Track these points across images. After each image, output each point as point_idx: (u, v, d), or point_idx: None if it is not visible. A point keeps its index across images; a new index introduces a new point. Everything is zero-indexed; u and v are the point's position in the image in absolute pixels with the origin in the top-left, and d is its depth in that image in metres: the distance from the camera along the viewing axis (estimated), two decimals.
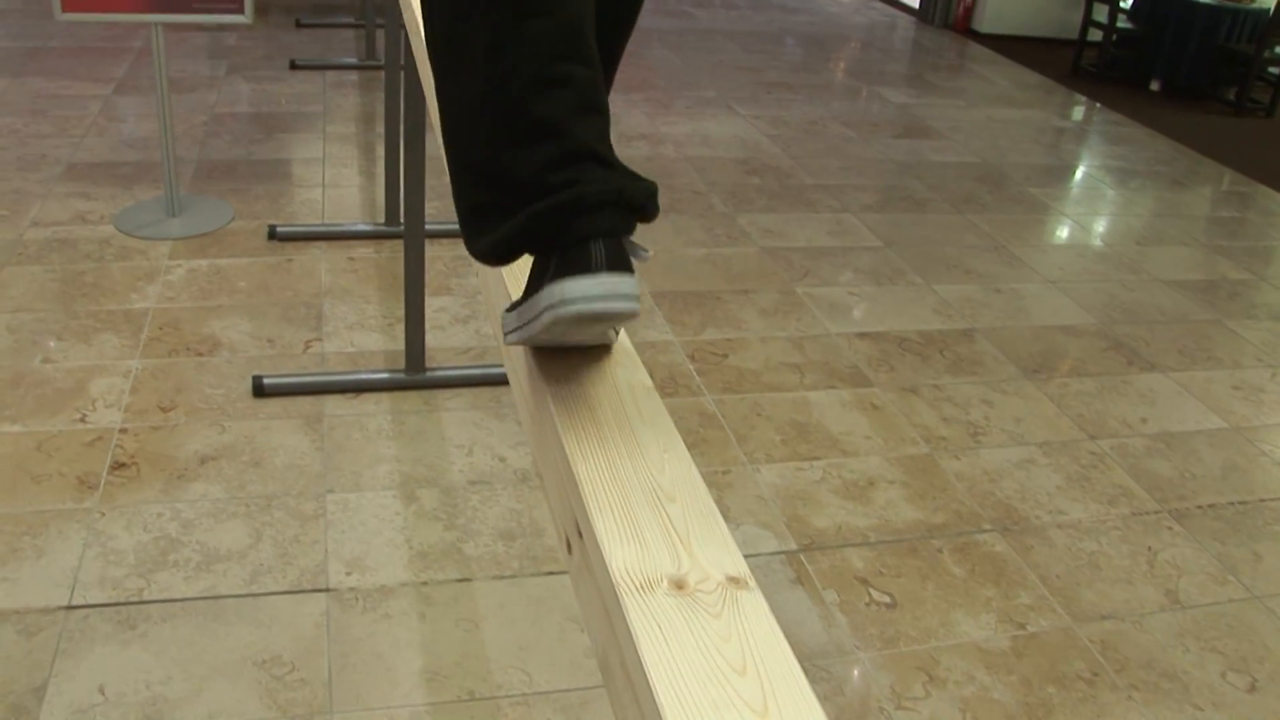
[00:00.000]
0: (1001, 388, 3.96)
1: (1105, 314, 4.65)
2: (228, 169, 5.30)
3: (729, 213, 5.24)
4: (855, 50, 9.22)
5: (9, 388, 3.43)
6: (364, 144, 5.80)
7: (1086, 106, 8.16)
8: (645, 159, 5.85)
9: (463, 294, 4.23)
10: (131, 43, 7.16)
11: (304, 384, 3.57)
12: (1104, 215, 5.91)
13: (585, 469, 0.90)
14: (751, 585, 0.79)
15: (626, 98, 6.88)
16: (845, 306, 4.46)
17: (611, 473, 0.90)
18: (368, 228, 4.71)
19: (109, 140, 5.58)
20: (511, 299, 1.19)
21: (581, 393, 1.01)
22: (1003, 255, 5.12)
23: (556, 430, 0.96)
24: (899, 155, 6.36)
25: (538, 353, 1.08)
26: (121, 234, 4.55)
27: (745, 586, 0.79)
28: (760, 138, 6.36)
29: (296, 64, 7.08)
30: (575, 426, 0.96)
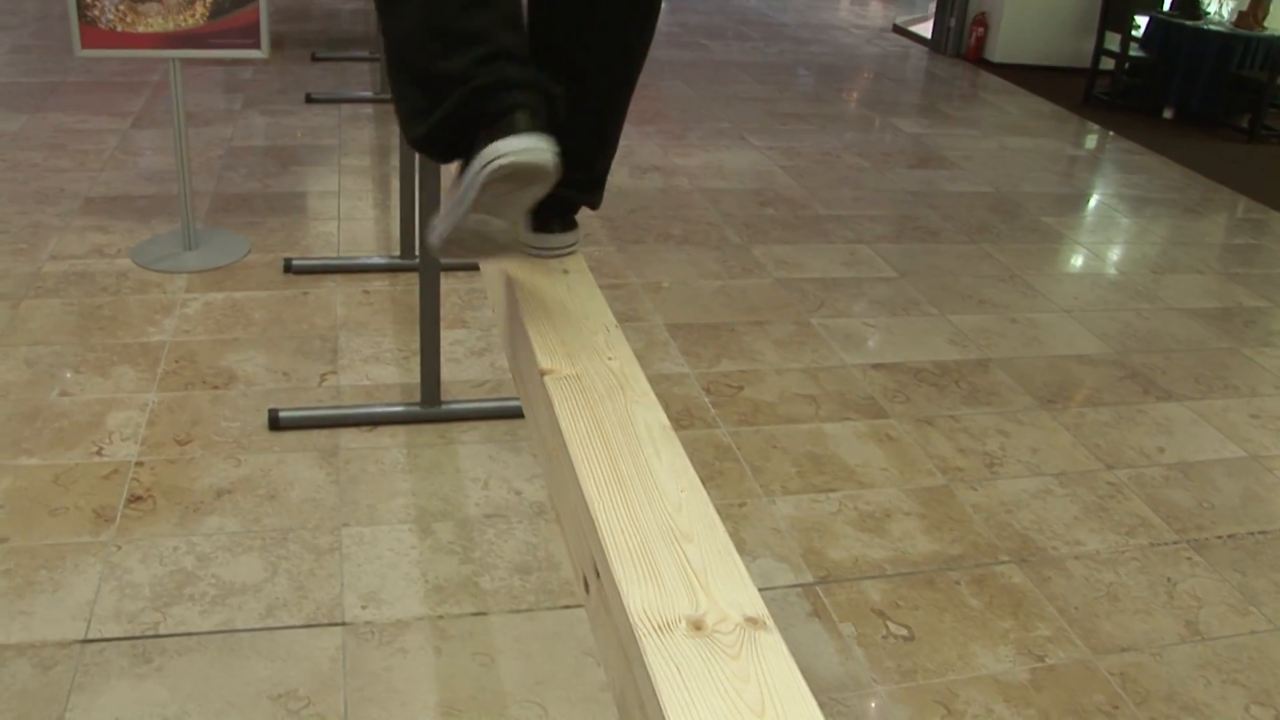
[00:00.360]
0: (1017, 418, 3.95)
1: (1121, 343, 4.64)
2: (244, 202, 5.33)
3: (743, 244, 5.24)
4: (868, 80, 9.25)
5: (27, 421, 3.44)
6: (378, 176, 5.82)
7: (1100, 135, 8.16)
8: (659, 191, 5.86)
9: (478, 326, 4.24)
10: (149, 77, 7.22)
11: (319, 417, 3.57)
12: (1118, 243, 5.90)
13: (603, 510, 0.90)
14: (770, 626, 0.79)
15: (640, 129, 6.90)
16: (860, 337, 4.46)
17: (629, 513, 0.90)
18: (382, 261, 4.73)
19: (126, 174, 5.62)
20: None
21: (599, 432, 1.01)
22: (1017, 285, 5.11)
23: (574, 470, 0.96)
24: (913, 185, 6.36)
25: (556, 389, 1.09)
26: (138, 267, 4.57)
27: (763, 627, 0.78)
28: (774, 169, 6.38)
29: (312, 97, 7.12)
30: (593, 466, 0.96)
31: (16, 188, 5.34)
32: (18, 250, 4.66)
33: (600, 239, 5.15)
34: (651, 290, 4.68)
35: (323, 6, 10.01)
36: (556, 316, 1.22)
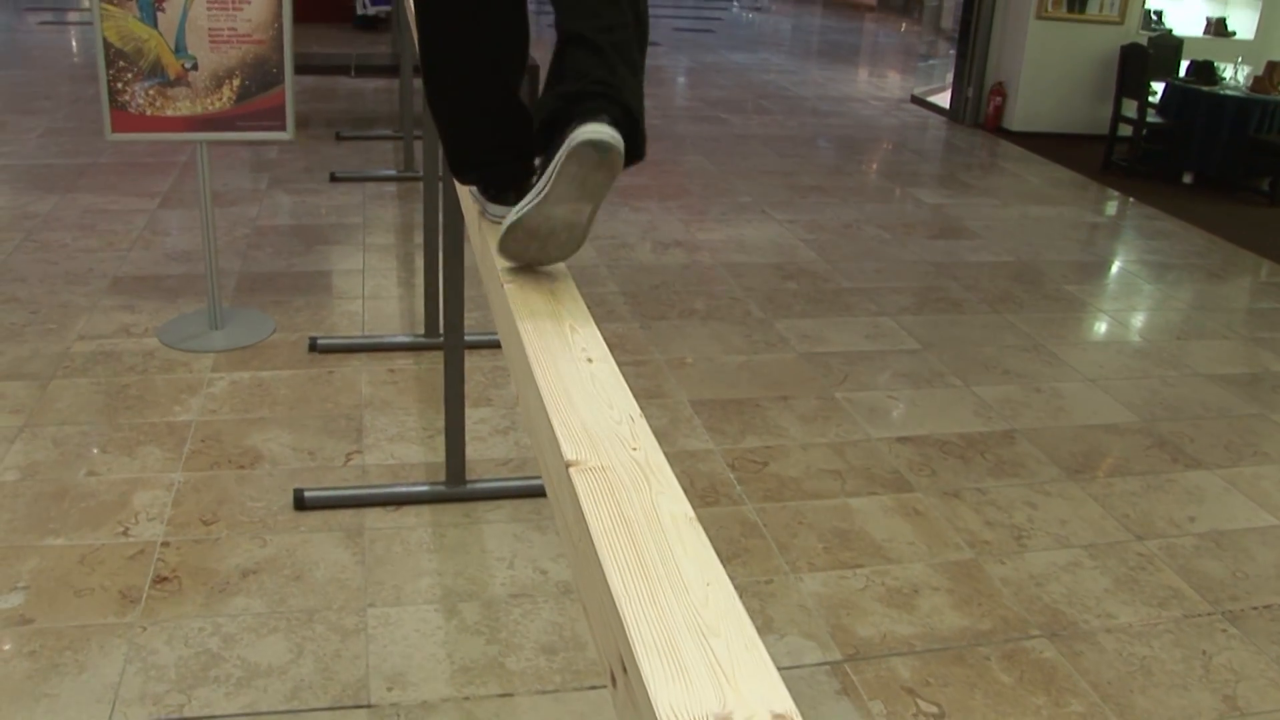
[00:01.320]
0: (1045, 489, 3.92)
1: (1147, 411, 4.62)
2: (269, 281, 5.38)
3: (766, 318, 5.26)
4: (888, 152, 9.31)
5: (54, 501, 3.46)
6: (403, 255, 5.87)
7: (1120, 201, 8.18)
8: (682, 266, 5.89)
9: (502, 405, 4.25)
10: (177, 157, 7.32)
11: (345, 497, 3.58)
12: (1142, 310, 5.90)
13: (629, 604, 0.90)
14: None
15: (662, 205, 6.96)
16: (885, 410, 4.45)
17: (655, 607, 0.90)
18: (407, 339, 4.76)
19: (154, 254, 5.69)
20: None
21: (624, 525, 1.02)
22: (1041, 354, 5.11)
23: (599, 564, 0.97)
24: (935, 256, 6.38)
25: (581, 481, 1.09)
26: (165, 347, 4.61)
27: None
28: (796, 242, 6.41)
29: (336, 176, 7.21)
30: (618, 560, 0.97)
31: (47, 268, 5.41)
32: (47, 330, 4.71)
33: (623, 315, 5.17)
34: (675, 366, 4.69)
35: (347, 86, 10.16)
36: (580, 406, 1.23)
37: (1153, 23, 10.11)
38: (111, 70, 4.43)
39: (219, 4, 4.41)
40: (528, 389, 1.34)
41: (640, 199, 7.05)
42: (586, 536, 1.02)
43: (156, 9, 4.37)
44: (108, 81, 4.44)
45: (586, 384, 1.29)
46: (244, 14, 4.44)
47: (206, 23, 4.42)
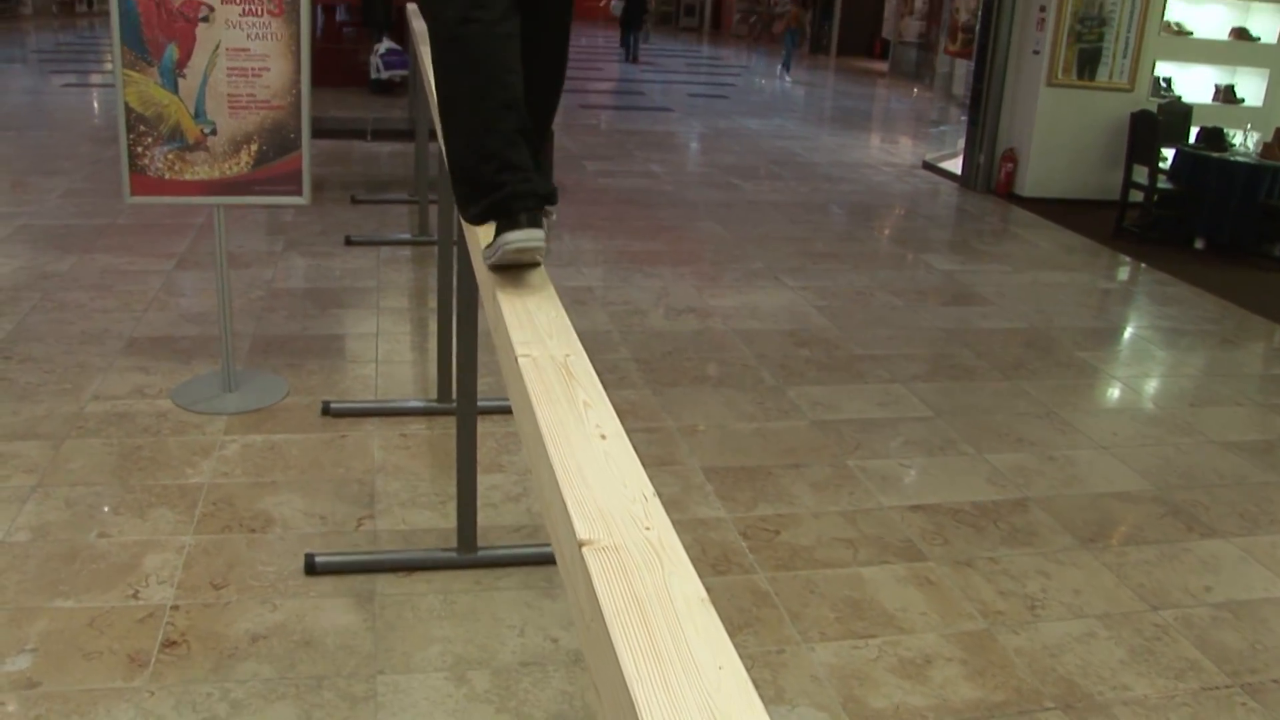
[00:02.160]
0: (1058, 558, 3.90)
1: (1161, 479, 4.60)
2: (283, 344, 5.41)
3: (779, 385, 5.26)
4: (900, 218, 9.35)
5: (65, 562, 3.47)
6: (416, 319, 5.90)
7: (1131, 267, 8.20)
8: (694, 333, 5.91)
9: (514, 471, 4.25)
10: (194, 218, 7.38)
11: (356, 562, 3.58)
12: (1154, 377, 5.89)
13: (641, 687, 0.90)
14: None
15: (675, 270, 6.99)
16: (897, 479, 4.44)
17: (668, 693, 0.90)
18: (420, 404, 4.77)
19: (169, 315, 5.72)
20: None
21: (636, 606, 1.02)
22: (1054, 422, 5.10)
23: (611, 645, 0.97)
24: (947, 323, 6.39)
25: (594, 561, 1.09)
26: (178, 408, 4.63)
27: None
28: (808, 309, 6.42)
29: (351, 240, 7.26)
30: (631, 641, 0.97)
31: (63, 328, 5.45)
32: (62, 390, 4.74)
33: (636, 382, 5.18)
34: (687, 434, 4.69)
35: (362, 150, 10.26)
36: (594, 484, 1.24)
37: (1162, 90, 10.18)
38: (132, 135, 4.49)
39: (239, 70, 4.47)
40: (541, 466, 1.34)
41: (653, 264, 7.08)
42: (599, 617, 1.02)
43: (178, 75, 4.44)
44: (128, 146, 4.50)
45: (600, 461, 1.29)
46: (263, 80, 4.50)
47: (226, 89, 4.48)
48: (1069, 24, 9.77)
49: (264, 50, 4.47)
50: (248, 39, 4.45)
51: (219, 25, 4.42)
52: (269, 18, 4.44)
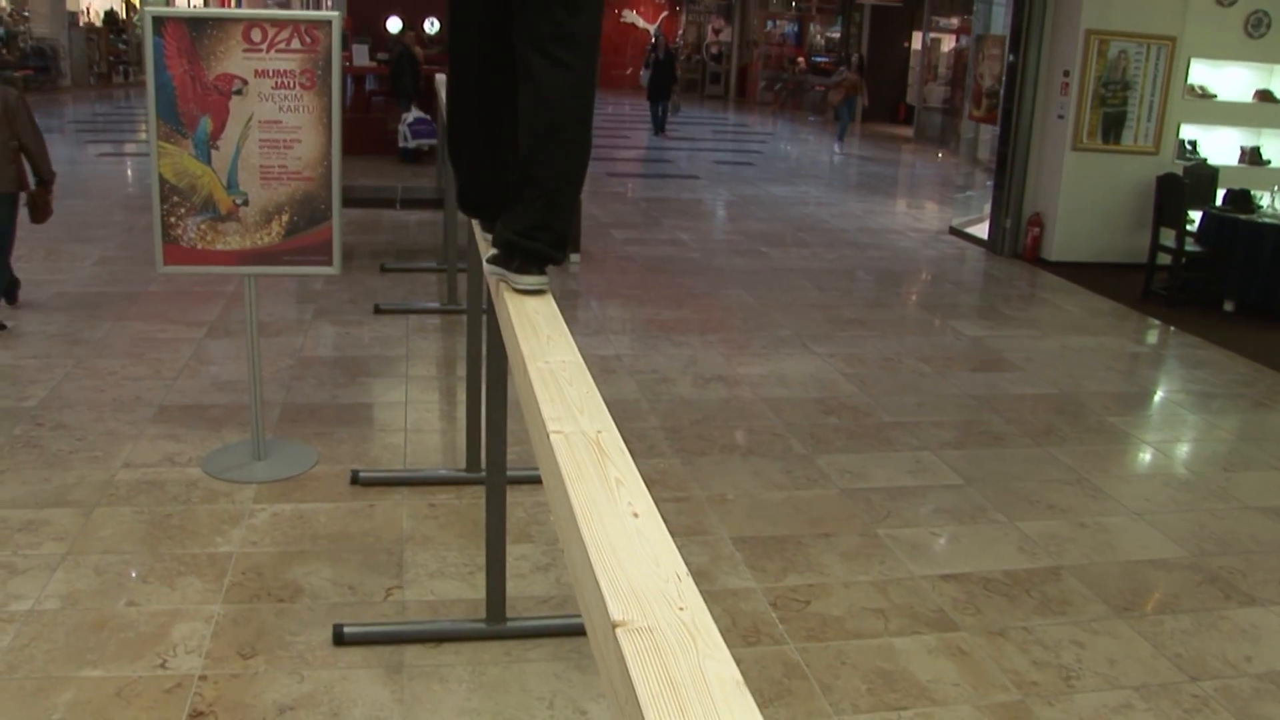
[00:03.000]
0: (1092, 627, 3.86)
1: (1196, 545, 4.55)
2: (312, 412, 5.43)
3: (808, 454, 5.24)
4: (927, 284, 9.35)
5: (93, 630, 3.47)
6: (445, 388, 5.92)
7: (1161, 330, 8.16)
8: (722, 401, 5.90)
9: (543, 541, 4.24)
10: (225, 286, 7.45)
11: (384, 633, 3.57)
12: (1187, 441, 5.85)
13: None
14: None
15: (703, 339, 6.99)
16: (928, 547, 4.41)
17: None
18: (449, 474, 4.78)
19: (200, 383, 5.76)
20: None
21: (671, 688, 1.01)
22: (1086, 488, 5.06)
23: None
24: (976, 389, 6.36)
25: (629, 643, 1.09)
26: (208, 476, 4.66)
27: None
28: (836, 376, 6.41)
29: (380, 308, 7.31)
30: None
31: (95, 395, 5.49)
32: (93, 458, 4.77)
33: (664, 451, 5.18)
34: (716, 503, 4.67)
35: (392, 218, 10.35)
36: (627, 564, 1.23)
37: (1187, 152, 10.18)
38: (166, 205, 4.55)
39: (271, 142, 4.53)
40: (574, 544, 1.34)
41: (681, 332, 7.09)
42: (633, 700, 1.02)
43: (211, 147, 4.51)
44: (161, 216, 4.56)
45: (632, 540, 1.29)
46: (294, 152, 4.56)
47: (258, 160, 4.54)
48: (1093, 88, 9.80)
49: (296, 122, 4.53)
50: (280, 111, 4.51)
51: (252, 98, 4.49)
52: (301, 91, 4.51)
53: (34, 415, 5.22)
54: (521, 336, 2.05)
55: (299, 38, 4.47)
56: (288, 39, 4.47)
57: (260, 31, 4.46)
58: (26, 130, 6.47)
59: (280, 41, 4.47)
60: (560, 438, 1.58)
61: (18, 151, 6.47)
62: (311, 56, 4.49)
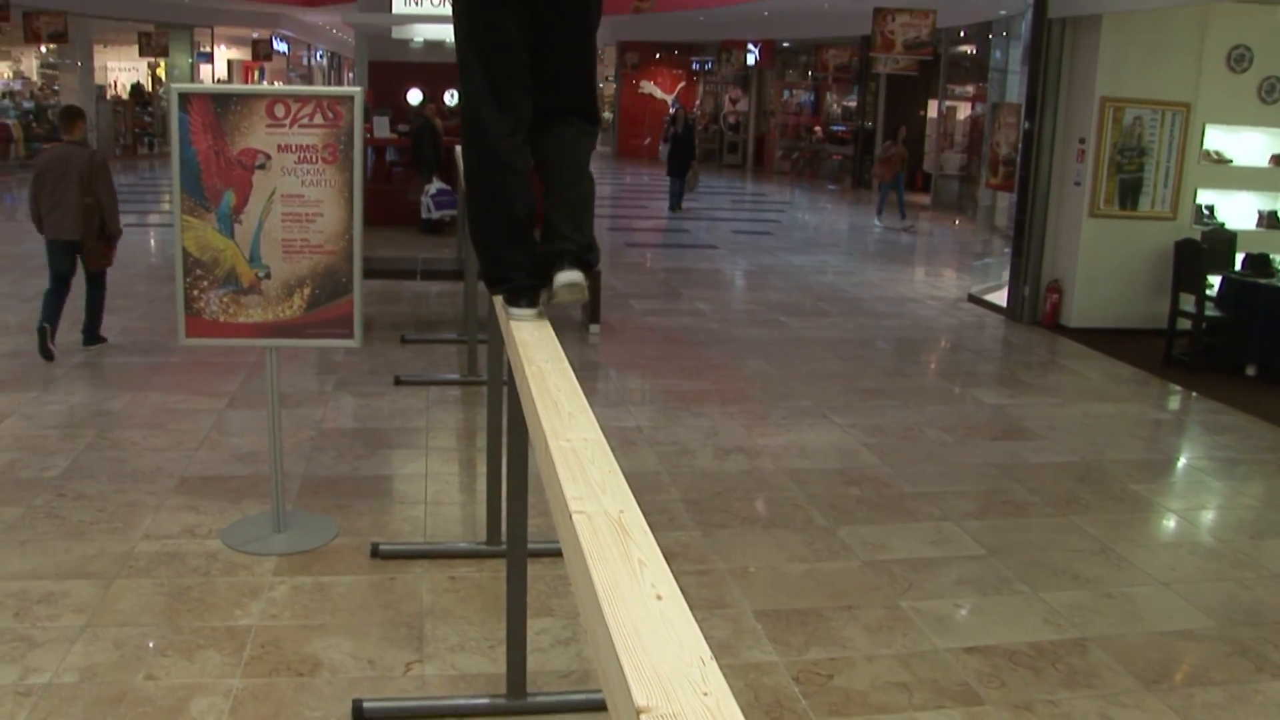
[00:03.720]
0: (1120, 700, 3.81)
1: (1225, 615, 4.50)
2: (333, 484, 5.44)
3: (829, 525, 5.21)
4: (947, 352, 9.34)
5: (111, 705, 3.46)
6: (465, 460, 5.92)
7: (1183, 396, 8.12)
8: (743, 473, 5.88)
9: (564, 615, 4.22)
10: (246, 357, 7.48)
11: (404, 709, 3.55)
12: (1212, 509, 5.80)
13: None
14: None
15: (723, 410, 6.98)
16: (952, 620, 4.37)
17: None
18: (469, 547, 4.76)
19: (220, 454, 5.78)
20: None
21: None
22: (1110, 558, 5.01)
23: None
24: (997, 458, 6.33)
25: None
26: (228, 548, 4.66)
27: None
28: (857, 446, 6.39)
29: (401, 379, 7.33)
30: None
31: (116, 466, 5.52)
32: (113, 529, 4.78)
33: (685, 523, 5.15)
34: (738, 576, 4.64)
35: (412, 289, 10.40)
36: (651, 648, 1.22)
37: (1205, 217, 10.19)
38: (189, 278, 4.59)
39: (293, 216, 4.58)
40: (597, 627, 1.33)
41: (701, 404, 7.09)
42: None
43: (234, 220, 4.55)
44: (185, 289, 4.60)
45: (656, 623, 1.28)
46: (316, 226, 4.60)
47: (280, 234, 4.58)
48: (1109, 155, 9.84)
49: (318, 196, 4.58)
50: (302, 185, 4.56)
51: (275, 172, 4.54)
52: (323, 165, 4.55)
53: (56, 486, 5.24)
54: (543, 413, 2.05)
55: (322, 113, 4.53)
56: (310, 114, 4.53)
57: (284, 107, 4.52)
58: (105, 189, 7.45)
59: (303, 116, 4.52)
60: (583, 518, 1.57)
61: (91, 207, 7.32)
62: (334, 131, 4.54)
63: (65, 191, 7.34)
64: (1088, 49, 9.88)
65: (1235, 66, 10.05)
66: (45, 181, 7.39)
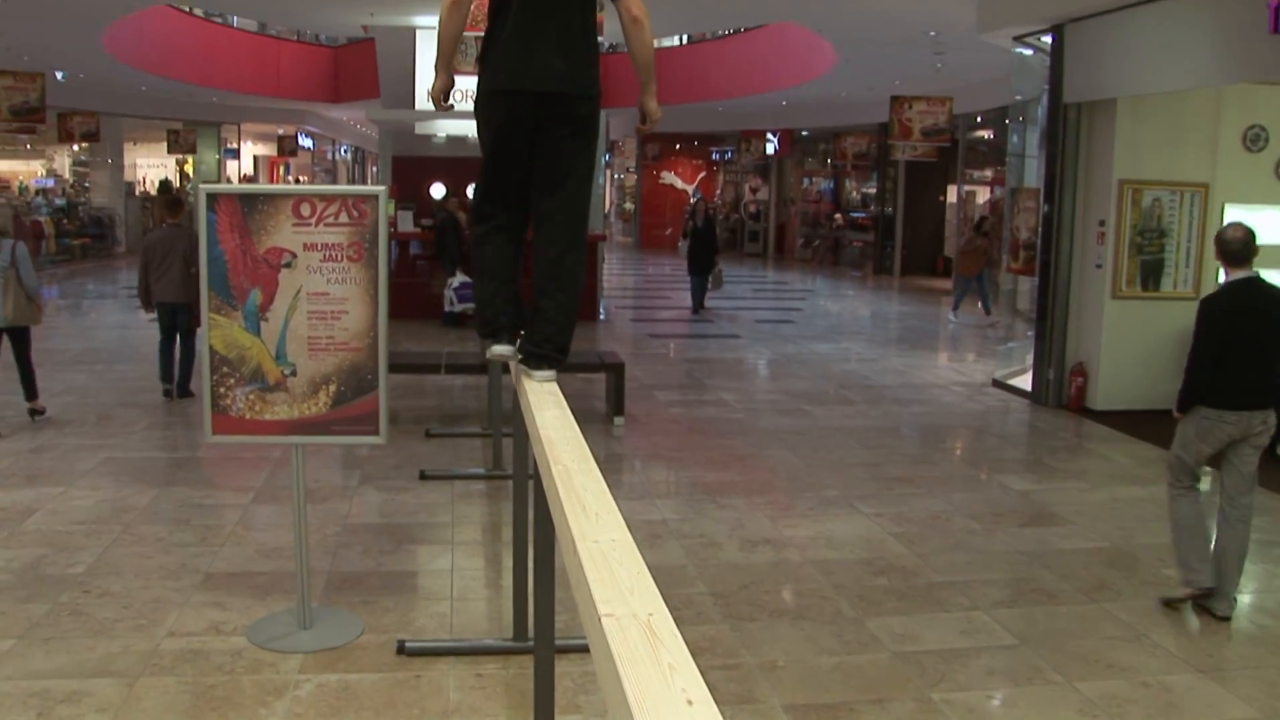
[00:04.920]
0: None
1: (1268, 705, 4.42)
2: (358, 580, 5.42)
3: (858, 617, 5.15)
4: (972, 438, 9.30)
5: None
6: (490, 555, 5.90)
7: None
8: (770, 564, 5.84)
9: (592, 712, 4.17)
10: (271, 451, 7.50)
11: None
12: (1249, 593, 5.71)
13: None
14: None
15: (749, 501, 6.95)
16: (984, 712, 4.30)
17: None
18: (495, 644, 4.73)
19: (246, 550, 5.78)
20: None
21: None
22: (1145, 645, 4.94)
23: None
24: (1026, 545, 6.27)
25: None
26: (253, 646, 4.64)
27: None
28: (885, 536, 6.34)
29: (426, 474, 7.33)
30: None
31: (142, 562, 5.52)
32: (138, 626, 4.76)
33: (713, 617, 5.11)
34: (766, 669, 4.59)
35: (436, 382, 10.44)
36: None
37: None
38: (215, 376, 4.63)
39: (319, 314, 4.62)
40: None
41: (727, 495, 7.06)
42: None
43: (260, 318, 4.60)
44: (211, 386, 4.63)
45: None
46: (342, 323, 4.64)
47: (306, 331, 4.62)
48: (1129, 237, 9.87)
49: (343, 294, 4.62)
50: (328, 283, 4.61)
51: (301, 270, 4.59)
52: (348, 263, 4.61)
53: (81, 582, 5.25)
54: (570, 513, 2.05)
55: (347, 211, 4.59)
56: (336, 213, 4.59)
57: (309, 206, 4.58)
58: None
59: (329, 215, 4.59)
60: (612, 621, 1.57)
61: (194, 277, 7.62)
62: (359, 229, 4.60)
63: (170, 265, 9.11)
64: (1104, 132, 9.96)
65: (1251, 146, 10.11)
66: (154, 257, 9.20)
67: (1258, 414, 5.44)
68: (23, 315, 8.29)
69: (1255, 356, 5.42)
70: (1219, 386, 5.43)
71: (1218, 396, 5.44)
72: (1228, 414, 5.42)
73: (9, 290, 8.12)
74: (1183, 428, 5.69)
